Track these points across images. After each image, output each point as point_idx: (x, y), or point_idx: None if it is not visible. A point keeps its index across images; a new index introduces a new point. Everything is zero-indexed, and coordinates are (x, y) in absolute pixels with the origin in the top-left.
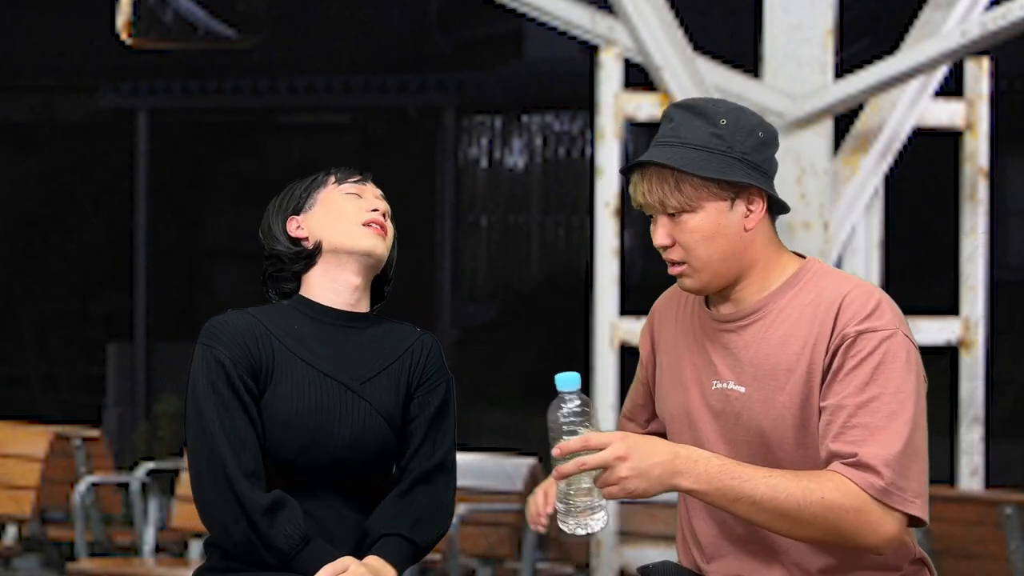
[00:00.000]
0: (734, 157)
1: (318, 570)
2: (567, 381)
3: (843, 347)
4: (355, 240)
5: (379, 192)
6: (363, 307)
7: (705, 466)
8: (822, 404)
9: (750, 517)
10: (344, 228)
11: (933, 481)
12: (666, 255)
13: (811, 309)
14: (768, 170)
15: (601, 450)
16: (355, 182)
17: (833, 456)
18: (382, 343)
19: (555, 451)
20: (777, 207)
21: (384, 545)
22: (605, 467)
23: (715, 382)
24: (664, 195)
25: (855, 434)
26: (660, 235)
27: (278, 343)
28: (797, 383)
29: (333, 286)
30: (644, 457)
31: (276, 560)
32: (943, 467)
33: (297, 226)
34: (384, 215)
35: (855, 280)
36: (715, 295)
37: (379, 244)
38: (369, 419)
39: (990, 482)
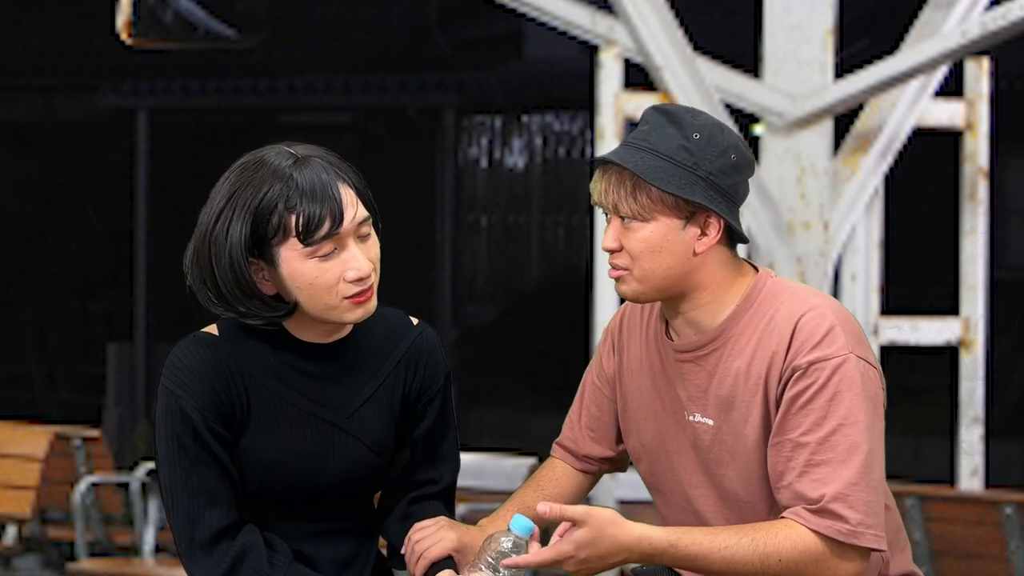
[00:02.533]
0: (698, 175)
1: None
2: (519, 526)
3: (794, 379)
4: (340, 315)
5: (360, 215)
6: (348, 329)
7: (660, 559)
8: (776, 440)
9: None
10: (325, 302)
11: (933, 481)
12: (611, 259)
13: (766, 335)
14: (734, 196)
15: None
16: (324, 237)
17: (798, 498)
18: (370, 358)
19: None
20: (736, 236)
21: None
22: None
23: (687, 415)
24: (619, 198)
25: (819, 473)
26: (609, 238)
27: (252, 381)
28: (759, 415)
29: (319, 328)
30: (598, 556)
31: None
32: (943, 467)
33: (263, 276)
34: (373, 271)
35: (808, 298)
36: (671, 320)
37: (369, 309)
38: (359, 454)
39: (990, 482)
